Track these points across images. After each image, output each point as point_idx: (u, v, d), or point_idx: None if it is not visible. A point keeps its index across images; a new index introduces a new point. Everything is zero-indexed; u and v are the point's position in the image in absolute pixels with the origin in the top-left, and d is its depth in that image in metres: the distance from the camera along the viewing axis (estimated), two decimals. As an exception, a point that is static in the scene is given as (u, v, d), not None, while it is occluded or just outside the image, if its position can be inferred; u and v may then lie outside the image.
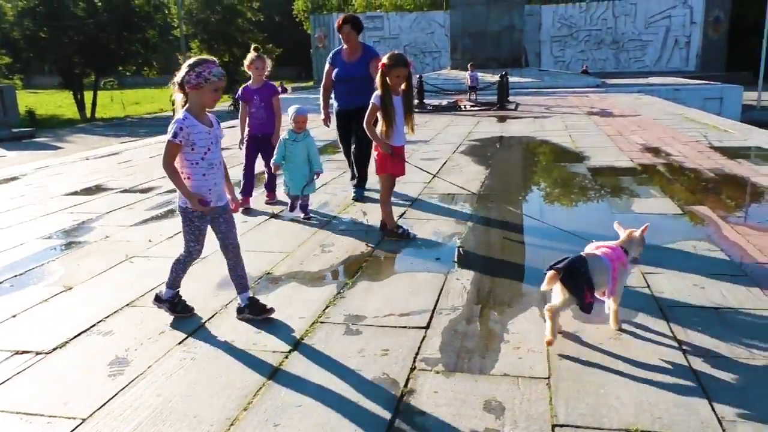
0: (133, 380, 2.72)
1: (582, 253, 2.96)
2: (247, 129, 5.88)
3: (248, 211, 5.69)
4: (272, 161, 5.38)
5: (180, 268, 3.34)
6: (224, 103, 32.65)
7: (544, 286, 2.89)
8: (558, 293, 2.88)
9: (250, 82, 5.80)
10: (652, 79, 26.42)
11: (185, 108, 3.06)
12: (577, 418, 2.34)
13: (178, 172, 3.07)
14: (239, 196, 5.34)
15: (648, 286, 3.60)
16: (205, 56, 3.11)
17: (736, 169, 7.06)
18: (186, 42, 51.08)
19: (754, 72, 30.86)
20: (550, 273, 2.85)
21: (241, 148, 5.93)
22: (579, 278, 2.82)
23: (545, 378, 2.62)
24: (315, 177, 5.33)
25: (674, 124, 11.50)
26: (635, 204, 5.63)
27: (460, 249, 4.48)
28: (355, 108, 5.73)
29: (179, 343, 3.07)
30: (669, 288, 3.57)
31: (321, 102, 6.30)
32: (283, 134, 5.34)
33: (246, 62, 5.71)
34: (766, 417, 2.30)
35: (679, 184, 6.37)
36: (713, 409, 2.36)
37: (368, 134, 4.57)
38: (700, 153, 8.25)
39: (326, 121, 6.37)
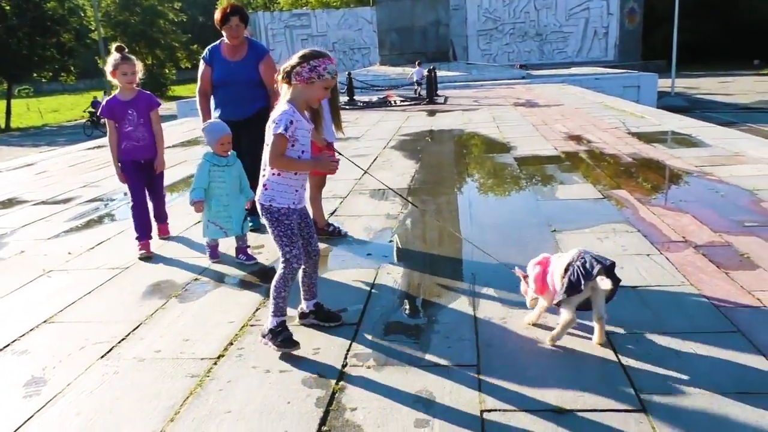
0: (50, 400, 2.59)
1: (582, 250, 2.83)
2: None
3: (150, 259, 4.43)
4: (193, 198, 4.05)
5: (282, 285, 2.90)
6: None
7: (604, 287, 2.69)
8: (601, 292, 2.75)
9: (118, 92, 4.44)
10: (574, 69, 27.37)
11: (288, 100, 2.79)
12: (505, 402, 2.39)
13: (290, 157, 2.78)
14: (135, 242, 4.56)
15: (571, 270, 3.71)
16: (319, 49, 2.85)
17: (651, 153, 7.40)
18: (105, 45, 49.06)
19: (668, 60, 32.47)
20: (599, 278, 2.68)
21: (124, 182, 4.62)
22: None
23: (474, 365, 2.67)
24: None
25: (595, 112, 11.94)
26: (559, 191, 5.81)
27: (393, 242, 4.50)
28: (243, 118, 4.68)
29: (101, 357, 2.95)
30: (591, 270, 3.69)
31: (200, 111, 4.93)
32: (198, 161, 4.18)
33: (108, 68, 4.38)
34: (681, 389, 2.42)
35: (600, 170, 6.62)
36: (632, 384, 2.46)
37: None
38: (619, 139, 8.60)
39: None
